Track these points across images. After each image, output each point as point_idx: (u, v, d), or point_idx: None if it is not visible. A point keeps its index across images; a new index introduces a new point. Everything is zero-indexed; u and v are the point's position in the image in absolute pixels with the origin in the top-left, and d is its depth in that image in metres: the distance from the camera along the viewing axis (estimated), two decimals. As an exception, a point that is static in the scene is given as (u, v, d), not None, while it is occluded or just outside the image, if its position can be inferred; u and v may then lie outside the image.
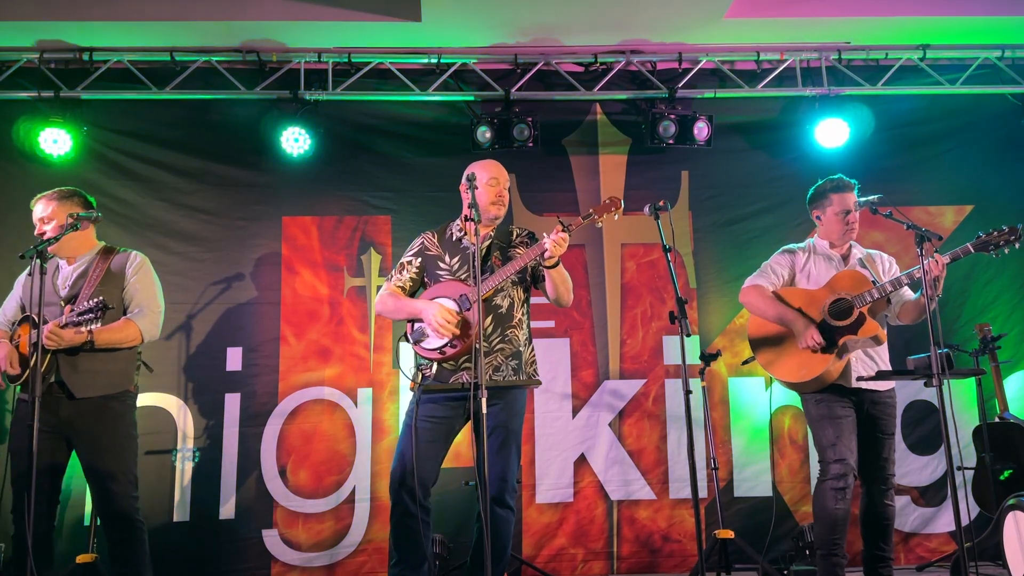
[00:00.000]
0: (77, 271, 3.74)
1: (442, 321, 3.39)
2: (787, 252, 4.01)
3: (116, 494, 3.60)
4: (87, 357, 3.58)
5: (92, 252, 3.81)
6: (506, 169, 3.72)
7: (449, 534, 4.73)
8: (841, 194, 3.89)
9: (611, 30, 5.10)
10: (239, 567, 4.81)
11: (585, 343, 5.19)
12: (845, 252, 3.93)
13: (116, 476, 3.61)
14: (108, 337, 3.60)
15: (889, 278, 3.84)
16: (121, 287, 3.75)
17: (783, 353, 3.80)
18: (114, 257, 3.79)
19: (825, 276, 3.85)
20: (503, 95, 5.19)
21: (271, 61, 5.17)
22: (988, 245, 3.59)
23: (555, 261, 3.39)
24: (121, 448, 3.68)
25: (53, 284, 3.72)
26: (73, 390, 3.57)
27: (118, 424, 3.69)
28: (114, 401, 3.67)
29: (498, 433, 3.42)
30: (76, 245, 3.78)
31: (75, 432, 3.62)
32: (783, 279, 3.92)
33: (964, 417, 4.95)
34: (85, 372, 3.59)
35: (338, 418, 5.03)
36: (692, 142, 5.22)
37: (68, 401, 3.58)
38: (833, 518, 3.63)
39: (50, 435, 3.56)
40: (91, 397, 3.60)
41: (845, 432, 3.68)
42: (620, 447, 5.09)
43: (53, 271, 3.77)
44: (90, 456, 3.62)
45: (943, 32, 5.18)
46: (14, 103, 5.06)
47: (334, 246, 5.21)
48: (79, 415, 3.59)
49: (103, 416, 3.63)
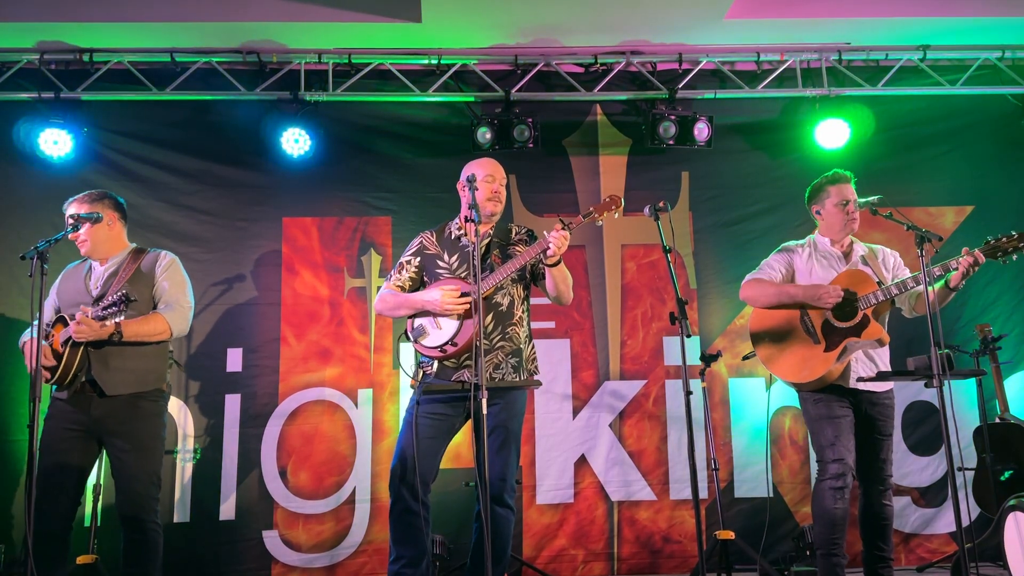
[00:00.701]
0: (108, 271, 3.79)
1: (450, 301, 3.41)
2: (785, 251, 3.99)
3: (138, 494, 3.62)
4: (118, 354, 3.61)
5: (124, 253, 3.86)
6: (506, 170, 3.73)
7: (449, 535, 4.73)
8: (838, 185, 3.89)
9: (611, 31, 5.10)
10: (239, 568, 4.81)
11: (585, 344, 5.19)
12: (846, 249, 3.91)
13: (141, 477, 3.64)
14: (136, 329, 3.62)
15: (893, 273, 3.84)
16: (151, 285, 3.78)
17: (784, 349, 3.79)
18: (144, 257, 3.85)
19: (827, 274, 3.83)
20: (503, 96, 5.20)
21: (271, 62, 5.17)
22: (997, 251, 3.55)
23: (557, 259, 3.40)
24: (149, 448, 3.70)
25: (86, 285, 3.77)
26: (104, 387, 3.59)
27: (148, 423, 3.70)
28: (145, 400, 3.69)
29: (498, 433, 3.43)
30: (108, 247, 3.83)
31: (106, 431, 3.64)
32: (782, 275, 3.92)
33: (965, 418, 4.95)
34: (116, 370, 3.62)
35: (338, 419, 5.03)
36: (692, 143, 5.23)
37: (99, 400, 3.61)
38: (832, 517, 3.63)
39: (81, 435, 3.61)
40: (122, 395, 3.63)
41: (843, 432, 3.67)
42: (620, 448, 5.09)
43: (86, 272, 3.82)
44: (119, 455, 3.64)
45: (943, 33, 5.18)
46: (14, 104, 5.06)
47: (334, 247, 5.22)
48: (110, 414, 3.62)
49: (134, 415, 3.65)
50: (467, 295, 3.42)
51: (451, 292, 3.44)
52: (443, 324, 3.48)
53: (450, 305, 3.42)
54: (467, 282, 3.49)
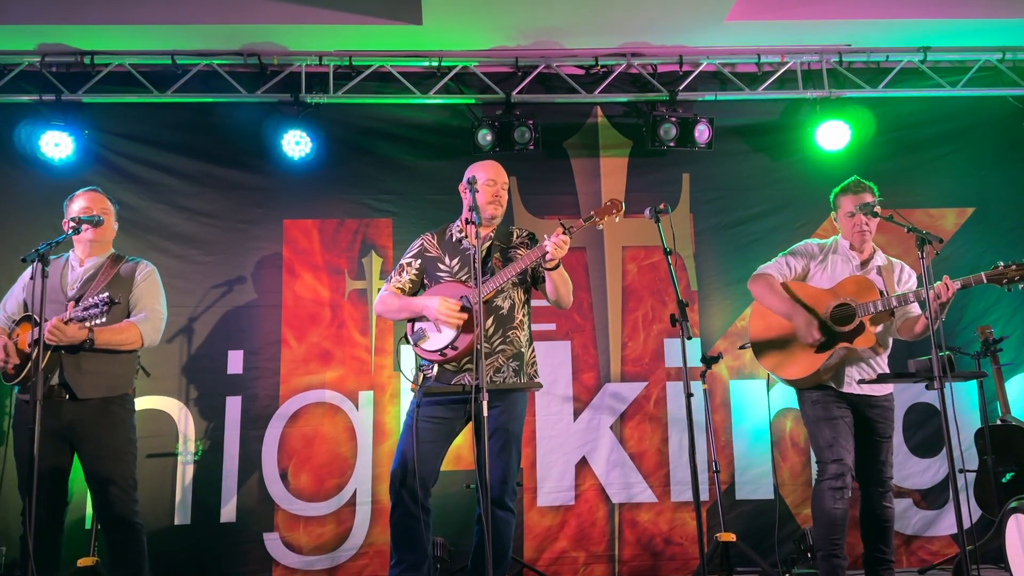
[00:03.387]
0: (87, 273, 3.77)
1: (445, 312, 3.39)
2: (805, 255, 3.97)
3: (116, 498, 3.61)
4: (90, 358, 3.60)
5: (103, 256, 3.85)
6: (507, 172, 3.73)
7: (450, 537, 4.73)
8: (848, 196, 3.90)
9: (612, 33, 5.10)
10: (240, 570, 4.81)
11: (586, 346, 5.19)
12: (867, 257, 3.90)
13: (116, 480, 3.63)
14: (108, 337, 3.61)
15: (901, 290, 3.83)
16: (128, 291, 3.77)
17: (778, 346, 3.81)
18: (123, 264, 3.84)
19: (840, 278, 3.84)
20: (504, 98, 5.19)
21: (272, 64, 5.17)
22: (1003, 278, 3.57)
23: (556, 263, 3.40)
24: (121, 452, 3.70)
25: (61, 283, 3.73)
26: (76, 391, 3.58)
27: (119, 428, 3.71)
28: (115, 404, 3.69)
29: (498, 436, 3.42)
30: (99, 245, 3.84)
31: (77, 436, 3.63)
32: (795, 272, 3.92)
33: (966, 420, 4.95)
34: (88, 373, 3.60)
35: (339, 421, 5.03)
36: (693, 145, 5.22)
37: (70, 404, 3.59)
38: (832, 518, 3.64)
39: (54, 439, 3.57)
40: (93, 399, 3.62)
41: (841, 432, 3.68)
42: (621, 450, 5.08)
43: (62, 271, 3.78)
44: (92, 460, 3.63)
45: (944, 34, 5.17)
46: (15, 106, 5.06)
47: (335, 249, 5.22)
48: (81, 419, 3.60)
49: (105, 420, 3.65)
50: (465, 309, 3.41)
51: (449, 304, 3.42)
52: (444, 328, 3.47)
53: (444, 317, 3.40)
54: (468, 285, 3.49)
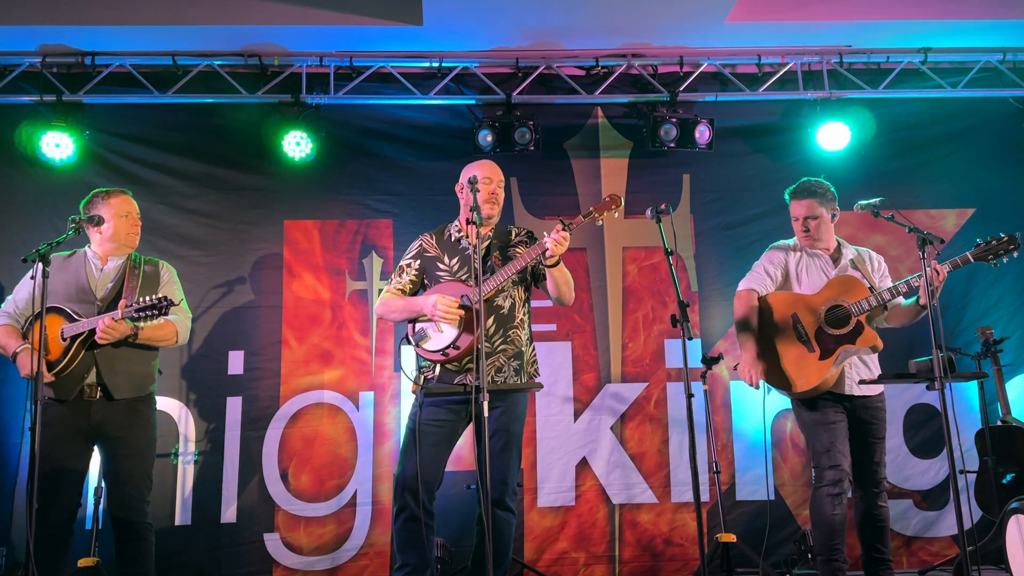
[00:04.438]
0: (116, 273, 3.81)
1: (444, 308, 3.39)
2: (779, 249, 3.97)
3: (131, 497, 3.66)
4: (123, 359, 3.66)
5: (125, 257, 3.89)
6: (507, 173, 3.75)
7: (451, 538, 4.73)
8: (792, 201, 3.94)
9: (612, 34, 5.10)
10: (240, 571, 4.81)
11: (587, 346, 5.19)
12: (833, 253, 3.90)
13: (135, 479, 3.68)
14: (150, 334, 3.70)
15: (879, 278, 3.84)
16: (155, 290, 3.82)
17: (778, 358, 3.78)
18: (146, 264, 3.90)
19: (817, 278, 3.83)
20: (504, 99, 5.19)
21: (273, 65, 5.18)
22: (988, 254, 3.56)
23: (556, 260, 3.40)
24: (144, 451, 3.76)
25: (89, 284, 3.75)
26: (113, 391, 3.64)
27: (145, 427, 3.78)
28: (141, 403, 3.76)
29: (499, 436, 3.43)
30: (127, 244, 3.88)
31: (105, 435, 3.67)
32: (776, 280, 3.91)
33: (966, 421, 4.95)
34: (122, 374, 3.67)
35: (340, 422, 5.03)
36: (693, 145, 5.23)
37: (101, 404, 3.64)
38: (831, 523, 3.63)
39: (78, 439, 3.64)
40: (124, 399, 3.68)
41: (838, 437, 3.68)
42: (622, 451, 5.08)
43: (82, 265, 3.81)
44: (116, 458, 3.68)
45: (944, 35, 5.17)
46: (16, 107, 5.07)
47: (336, 250, 5.22)
48: (111, 418, 3.65)
49: (134, 418, 3.71)
50: (465, 308, 3.41)
51: (447, 300, 3.42)
52: (444, 328, 3.47)
53: (441, 312, 3.40)
54: (468, 284, 3.49)
